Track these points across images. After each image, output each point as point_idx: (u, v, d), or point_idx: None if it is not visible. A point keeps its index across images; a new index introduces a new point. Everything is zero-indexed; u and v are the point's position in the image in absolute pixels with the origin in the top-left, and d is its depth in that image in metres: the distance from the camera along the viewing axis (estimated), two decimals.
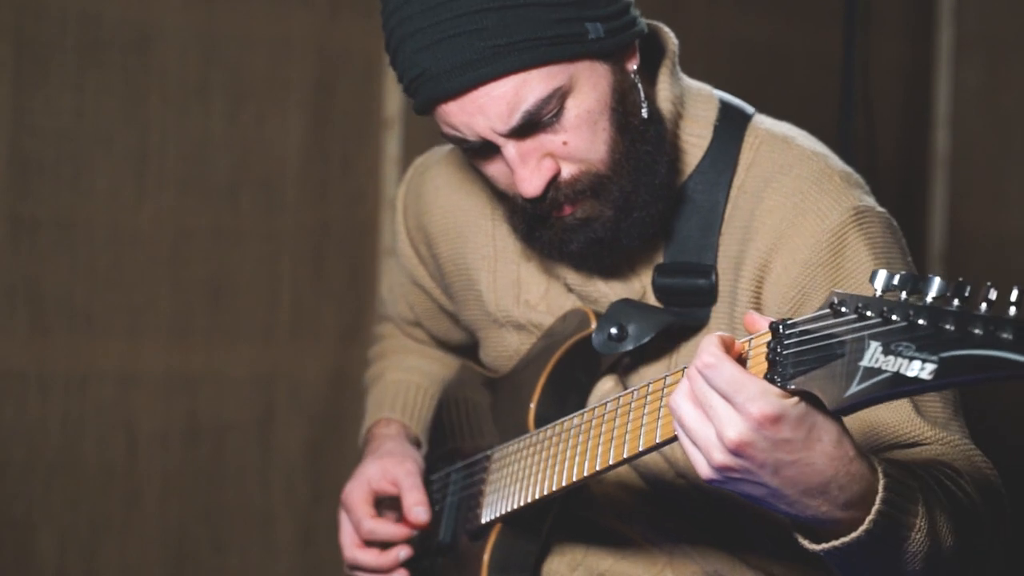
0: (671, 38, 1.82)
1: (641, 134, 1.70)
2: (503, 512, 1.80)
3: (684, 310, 1.77)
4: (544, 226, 1.73)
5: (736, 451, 1.30)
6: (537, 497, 1.72)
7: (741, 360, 1.34)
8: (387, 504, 2.00)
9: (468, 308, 2.00)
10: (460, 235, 1.99)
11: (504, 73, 1.62)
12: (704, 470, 1.34)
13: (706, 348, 1.32)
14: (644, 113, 1.71)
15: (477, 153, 1.72)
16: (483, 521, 1.85)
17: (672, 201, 1.76)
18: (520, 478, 1.77)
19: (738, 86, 1.99)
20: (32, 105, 2.98)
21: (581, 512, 1.88)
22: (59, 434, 3.05)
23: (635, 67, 1.71)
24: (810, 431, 1.30)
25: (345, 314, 3.37)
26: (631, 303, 1.78)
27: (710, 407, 1.31)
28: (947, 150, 4.16)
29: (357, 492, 1.99)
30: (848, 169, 1.77)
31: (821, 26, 3.94)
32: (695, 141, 1.78)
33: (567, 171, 1.68)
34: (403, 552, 1.96)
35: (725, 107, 1.81)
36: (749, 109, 1.83)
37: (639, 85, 1.71)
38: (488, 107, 1.64)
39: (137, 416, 3.14)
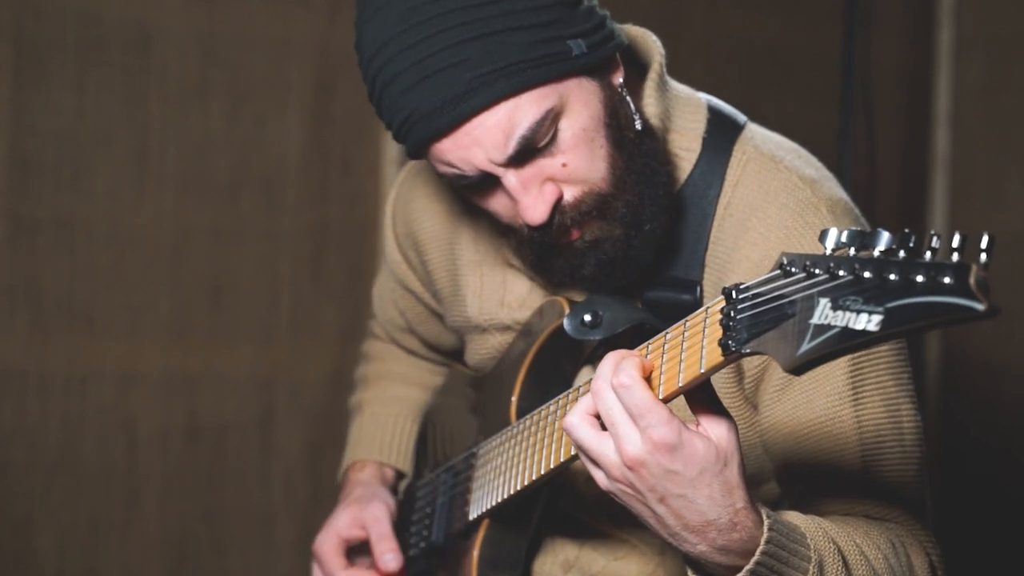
0: (657, 47, 1.80)
1: (638, 147, 1.69)
2: (489, 507, 1.80)
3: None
4: (553, 254, 1.71)
5: (631, 466, 1.36)
6: (519, 488, 1.71)
7: (651, 379, 1.39)
8: (359, 550, 2.03)
9: (454, 313, 2.01)
10: (449, 241, 1.99)
11: (495, 101, 1.60)
12: (603, 482, 1.42)
13: (624, 369, 1.36)
14: (638, 125, 1.69)
15: (476, 189, 1.70)
16: (471, 518, 1.85)
17: (674, 211, 1.75)
18: (503, 471, 1.76)
19: (738, 86, 1.97)
20: (32, 105, 2.98)
21: (573, 513, 1.88)
22: (59, 434, 3.05)
23: (621, 80, 1.69)
24: (700, 474, 1.35)
25: (345, 314, 3.37)
26: (611, 296, 1.77)
27: (612, 424, 1.36)
28: (947, 150, 4.16)
29: (328, 543, 2.02)
30: (836, 196, 1.74)
31: (821, 26, 3.94)
32: (684, 155, 1.77)
33: (570, 194, 1.66)
34: None
35: (714, 117, 1.79)
36: (740, 119, 1.81)
37: (628, 98, 1.69)
38: (483, 138, 1.62)
39: (137, 416, 3.14)
